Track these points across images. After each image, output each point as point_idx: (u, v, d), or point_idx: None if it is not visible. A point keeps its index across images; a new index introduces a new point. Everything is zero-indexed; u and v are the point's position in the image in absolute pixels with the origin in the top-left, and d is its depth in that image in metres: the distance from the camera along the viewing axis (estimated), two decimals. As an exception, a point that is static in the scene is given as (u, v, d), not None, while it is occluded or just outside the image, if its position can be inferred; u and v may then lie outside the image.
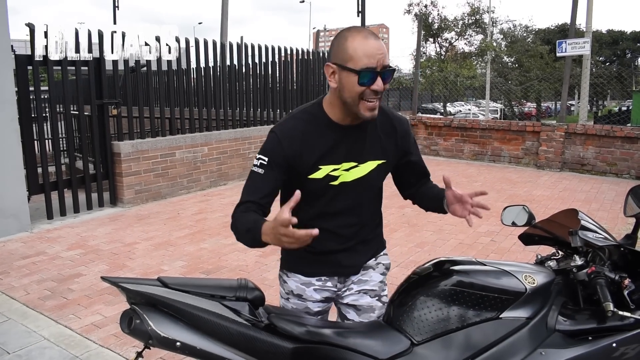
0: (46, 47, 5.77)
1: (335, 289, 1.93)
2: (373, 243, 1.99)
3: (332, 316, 2.06)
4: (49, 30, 5.81)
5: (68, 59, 5.97)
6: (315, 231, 1.42)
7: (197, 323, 1.52)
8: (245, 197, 1.75)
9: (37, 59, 5.73)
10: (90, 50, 6.15)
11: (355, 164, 1.79)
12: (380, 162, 1.84)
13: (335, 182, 1.78)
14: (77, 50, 6.04)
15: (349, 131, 1.77)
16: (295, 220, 1.42)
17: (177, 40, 7.08)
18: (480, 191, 1.78)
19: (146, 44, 6.74)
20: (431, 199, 1.96)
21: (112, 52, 6.40)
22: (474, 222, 1.77)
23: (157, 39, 6.84)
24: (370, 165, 1.81)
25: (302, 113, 1.80)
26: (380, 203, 1.99)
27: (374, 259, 1.97)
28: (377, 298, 1.95)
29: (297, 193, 1.45)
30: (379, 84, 1.63)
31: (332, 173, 1.77)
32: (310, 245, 1.82)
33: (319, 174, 1.76)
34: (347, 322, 1.94)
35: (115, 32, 6.43)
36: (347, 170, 1.78)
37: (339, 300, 1.96)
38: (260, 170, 1.73)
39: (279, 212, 1.44)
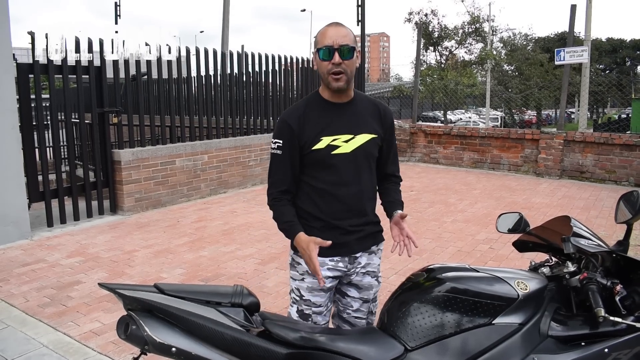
0: (46, 50, 5.84)
1: (345, 269, 2.16)
2: (374, 229, 2.22)
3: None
4: (49, 38, 5.87)
5: (68, 64, 6.01)
6: (328, 243, 1.92)
7: (193, 329, 1.53)
8: (274, 176, 2.13)
9: (38, 60, 5.77)
10: (90, 51, 6.22)
11: (352, 136, 2.10)
12: (372, 135, 2.15)
13: (336, 152, 2.07)
14: (77, 50, 6.10)
15: (342, 107, 2.12)
16: (329, 243, 1.93)
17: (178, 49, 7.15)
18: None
19: (146, 44, 6.83)
20: (386, 204, 2.27)
21: (112, 53, 6.50)
22: (412, 250, 2.05)
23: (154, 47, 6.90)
24: (365, 137, 2.12)
25: (302, 100, 2.19)
26: (375, 178, 2.24)
27: (375, 245, 2.23)
28: (375, 278, 2.24)
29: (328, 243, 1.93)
30: (335, 58, 1.98)
31: (333, 143, 2.07)
32: (320, 218, 2.10)
33: (321, 144, 2.06)
34: (340, 329, 1.98)
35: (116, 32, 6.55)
36: (346, 141, 2.08)
37: (343, 281, 2.20)
38: (279, 152, 2.10)
39: (315, 241, 1.94)
